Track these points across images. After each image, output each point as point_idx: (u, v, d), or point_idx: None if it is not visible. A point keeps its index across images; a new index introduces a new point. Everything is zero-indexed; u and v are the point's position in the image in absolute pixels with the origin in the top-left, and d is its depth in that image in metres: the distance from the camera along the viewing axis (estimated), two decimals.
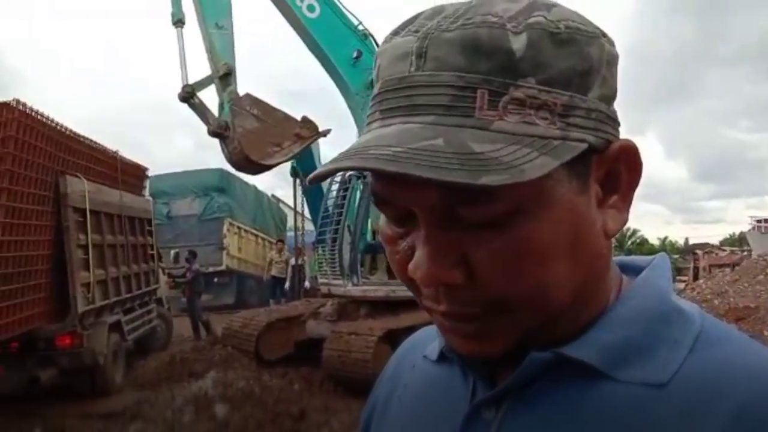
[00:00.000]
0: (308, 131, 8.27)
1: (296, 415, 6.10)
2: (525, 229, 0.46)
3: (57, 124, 6.59)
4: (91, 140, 7.69)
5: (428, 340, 0.69)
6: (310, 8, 9.00)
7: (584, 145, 0.47)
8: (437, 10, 0.49)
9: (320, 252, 8.78)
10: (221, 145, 7.86)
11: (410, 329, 5.24)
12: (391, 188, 0.48)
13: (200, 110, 7.86)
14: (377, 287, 7.87)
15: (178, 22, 8.13)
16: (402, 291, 7.79)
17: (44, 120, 6.25)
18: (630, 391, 0.49)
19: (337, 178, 8.33)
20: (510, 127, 0.45)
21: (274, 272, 14.29)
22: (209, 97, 7.97)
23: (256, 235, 18.15)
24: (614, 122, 0.51)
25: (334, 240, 8.11)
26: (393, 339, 7.26)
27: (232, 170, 15.71)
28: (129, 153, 9.44)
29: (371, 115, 0.51)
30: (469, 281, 0.47)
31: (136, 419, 6.17)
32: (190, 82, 7.81)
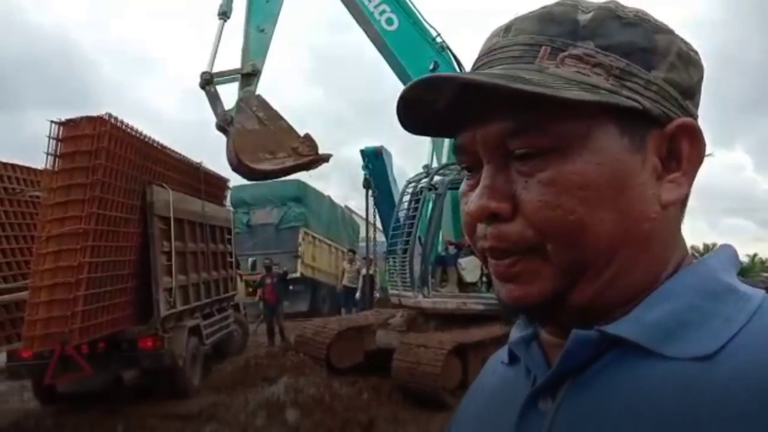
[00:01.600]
0: (306, 149, 8.16)
1: (365, 424, 6.15)
2: (568, 165, 0.50)
3: (145, 136, 6.97)
4: (176, 152, 8.08)
5: None
6: (389, 21, 9.11)
7: (636, 105, 0.51)
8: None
9: (391, 263, 8.83)
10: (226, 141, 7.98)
11: (480, 343, 5.24)
12: (467, 133, 0.55)
13: (213, 99, 8.05)
14: (447, 299, 7.82)
15: (223, 14, 8.50)
16: (473, 304, 7.75)
17: (133, 132, 6.63)
18: (678, 367, 0.48)
19: (409, 190, 8.36)
20: (563, 73, 0.51)
21: (345, 281, 14.47)
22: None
23: (330, 245, 18.47)
24: (682, 108, 0.54)
25: (405, 251, 8.13)
26: (463, 353, 7.19)
27: (309, 182, 16.02)
28: (212, 164, 9.80)
29: None
30: (514, 214, 0.52)
31: (211, 421, 6.40)
32: (215, 71, 8.07)
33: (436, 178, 8.14)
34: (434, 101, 0.54)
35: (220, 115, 7.95)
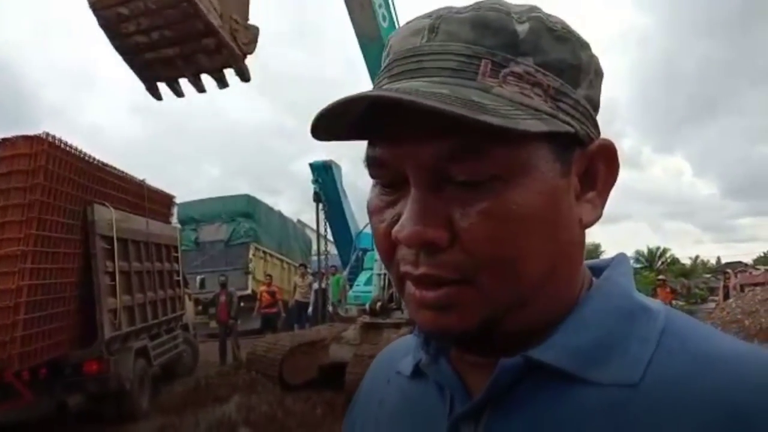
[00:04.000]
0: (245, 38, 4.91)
1: None
2: (510, 195, 0.48)
3: (85, 154, 6.78)
4: (118, 169, 7.89)
5: (403, 353, 0.68)
6: (384, 17, 9.04)
7: (571, 129, 0.50)
8: (448, 5, 0.54)
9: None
10: None
11: None
12: (390, 147, 0.51)
13: None
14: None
15: None
16: None
17: (72, 150, 6.44)
18: (603, 393, 0.49)
19: None
20: (508, 94, 0.48)
21: (297, 296, 14.36)
22: None
23: (282, 260, 18.30)
24: (596, 126, 0.54)
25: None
26: None
27: (258, 196, 15.75)
28: (158, 181, 9.58)
29: (378, 82, 0.53)
30: (450, 243, 0.49)
31: None
32: None
33: None
34: (349, 111, 0.50)
35: None
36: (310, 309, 13.81)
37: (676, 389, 0.47)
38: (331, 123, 0.51)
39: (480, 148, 0.47)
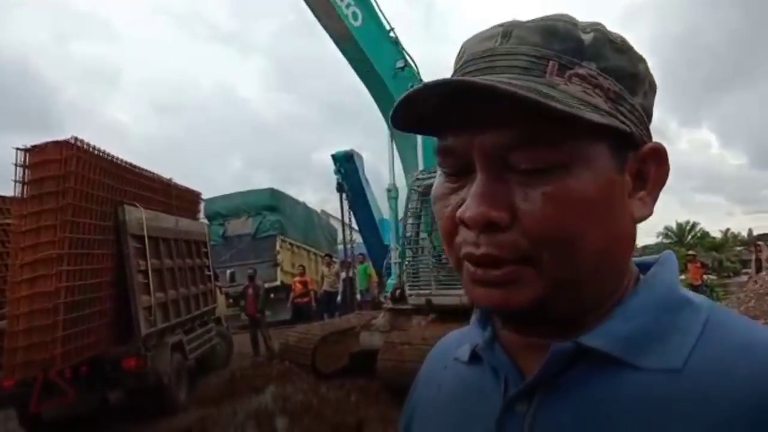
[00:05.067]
0: None
1: (354, 426, 6.19)
2: (569, 182, 0.52)
3: (113, 156, 6.93)
4: (146, 170, 8.05)
5: (458, 343, 0.72)
6: (354, 16, 8.85)
7: (627, 129, 0.55)
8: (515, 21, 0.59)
9: (400, 259, 8.68)
10: None
11: None
12: (460, 135, 0.55)
13: None
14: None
15: None
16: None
17: (101, 153, 6.60)
18: (649, 377, 0.53)
19: (416, 188, 8.25)
20: (573, 91, 0.53)
21: (325, 286, 14.48)
22: None
23: (308, 251, 18.46)
24: (649, 132, 0.59)
25: (416, 251, 8.02)
26: None
27: (282, 188, 15.81)
28: (180, 176, 9.73)
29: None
30: (511, 224, 0.53)
31: None
32: None
33: None
34: (426, 100, 0.54)
35: None
36: (339, 298, 13.92)
37: (717, 375, 0.51)
38: (408, 112, 0.56)
39: (546, 137, 0.51)
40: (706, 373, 0.52)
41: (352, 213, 14.00)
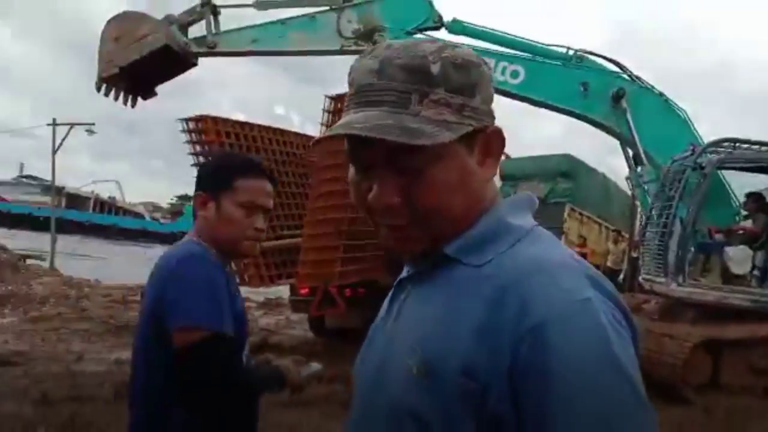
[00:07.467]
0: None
1: None
2: (434, 173, 0.80)
3: None
4: None
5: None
6: (514, 75, 8.36)
7: (470, 128, 0.81)
8: (389, 45, 0.83)
9: (645, 244, 8.24)
10: None
11: (738, 342, 4.90)
12: (360, 151, 0.82)
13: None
14: (706, 291, 7.06)
15: None
16: (737, 299, 6.88)
17: None
18: (466, 269, 0.82)
19: (673, 168, 7.64)
20: (429, 115, 0.79)
21: (609, 263, 13.82)
22: None
23: (600, 224, 17.65)
24: (490, 115, 0.85)
25: (662, 234, 7.52)
26: (715, 349, 6.51)
27: (580, 156, 15.40)
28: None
29: (347, 105, 0.84)
30: (402, 204, 0.81)
31: None
32: None
33: (704, 156, 7.32)
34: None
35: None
36: (620, 277, 13.20)
37: (499, 270, 0.79)
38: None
39: (414, 150, 0.77)
40: (494, 269, 0.79)
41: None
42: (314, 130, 7.59)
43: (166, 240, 46.87)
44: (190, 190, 1.88)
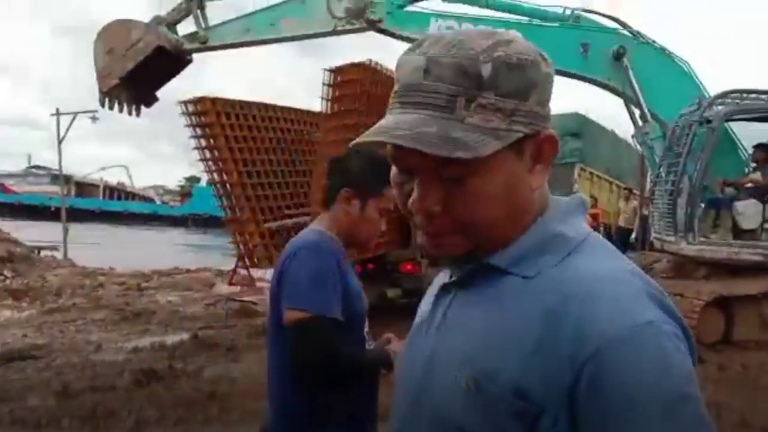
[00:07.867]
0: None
1: None
2: (478, 183, 0.77)
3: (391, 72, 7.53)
4: None
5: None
6: None
7: (520, 134, 0.76)
8: (439, 38, 0.78)
9: (655, 203, 8.16)
10: None
11: (750, 298, 4.88)
12: (403, 155, 0.78)
13: None
14: (717, 248, 7.00)
15: None
16: (747, 254, 6.82)
17: (390, 74, 7.22)
18: (515, 280, 0.79)
19: (680, 123, 7.51)
20: (476, 121, 0.74)
21: (621, 222, 13.72)
22: None
23: (611, 182, 17.52)
24: (545, 118, 0.79)
25: (670, 192, 7.44)
26: (727, 306, 6.48)
27: (590, 115, 15.15)
28: None
29: (393, 103, 0.80)
30: (443, 212, 0.79)
31: None
32: None
33: (711, 109, 7.18)
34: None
35: None
36: (633, 236, 13.12)
37: (551, 283, 0.76)
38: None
39: (455, 159, 0.73)
40: (547, 282, 0.76)
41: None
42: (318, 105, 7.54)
43: (177, 223, 47.43)
44: (197, 172, 1.95)
